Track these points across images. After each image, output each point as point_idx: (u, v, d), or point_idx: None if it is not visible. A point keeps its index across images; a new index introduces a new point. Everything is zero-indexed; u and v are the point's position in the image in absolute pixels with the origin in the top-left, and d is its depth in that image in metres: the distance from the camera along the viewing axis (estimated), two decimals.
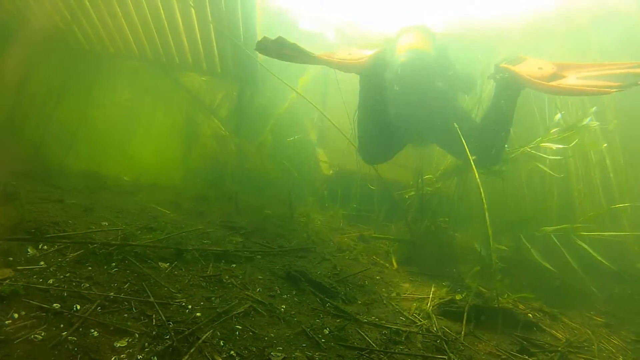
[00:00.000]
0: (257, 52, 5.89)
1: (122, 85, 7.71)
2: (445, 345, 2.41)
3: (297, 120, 7.68)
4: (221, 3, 5.22)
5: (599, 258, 4.45)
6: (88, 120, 7.12)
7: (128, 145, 7.39)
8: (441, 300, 3.13)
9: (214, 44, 5.98)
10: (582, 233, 4.71)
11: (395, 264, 4.09)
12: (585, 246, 4.59)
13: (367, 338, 2.30)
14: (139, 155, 7.17)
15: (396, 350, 2.24)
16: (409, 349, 2.29)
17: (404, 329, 2.52)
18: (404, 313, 2.83)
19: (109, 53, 6.58)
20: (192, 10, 5.42)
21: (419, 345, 2.37)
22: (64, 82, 6.83)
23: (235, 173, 6.31)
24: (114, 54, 6.58)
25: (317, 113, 7.45)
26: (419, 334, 2.51)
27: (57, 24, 6.02)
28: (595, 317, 3.72)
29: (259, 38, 3.70)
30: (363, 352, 2.14)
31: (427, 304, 3.06)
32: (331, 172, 6.77)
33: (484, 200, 3.38)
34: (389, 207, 5.67)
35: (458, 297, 3.24)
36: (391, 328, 2.49)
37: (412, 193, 5.52)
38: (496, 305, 3.09)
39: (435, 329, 2.64)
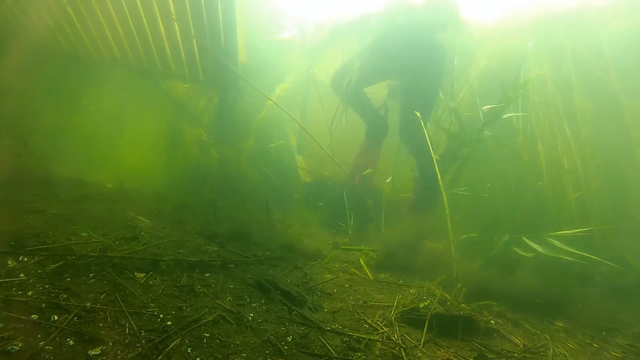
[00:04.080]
0: (237, 61, 6.08)
1: (107, 92, 7.79)
2: (403, 353, 2.56)
3: (279, 125, 7.81)
4: (203, 17, 5.36)
5: (578, 252, 4.64)
6: (72, 127, 7.19)
7: (112, 152, 7.48)
8: (405, 308, 3.27)
9: (196, 52, 6.11)
10: (550, 233, 4.93)
11: (366, 271, 4.22)
12: (558, 243, 4.78)
13: (327, 345, 2.44)
14: (122, 162, 7.26)
15: (354, 358, 2.38)
16: (367, 356, 2.44)
17: (365, 336, 2.67)
18: (368, 321, 2.97)
19: (92, 59, 6.68)
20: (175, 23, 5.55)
21: (377, 352, 2.51)
22: (47, 88, 6.91)
23: (215, 180, 6.43)
24: (97, 60, 6.68)
25: (298, 118, 7.61)
26: (379, 341, 2.66)
27: (41, 30, 6.11)
28: (556, 322, 3.86)
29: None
30: (322, 359, 2.29)
31: (391, 312, 3.20)
32: (309, 179, 6.91)
33: (447, 207, 3.55)
34: (363, 214, 5.80)
35: (421, 305, 3.39)
36: (352, 336, 2.64)
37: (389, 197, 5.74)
38: (458, 313, 3.22)
39: (396, 336, 2.79)
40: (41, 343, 1.86)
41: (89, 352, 1.89)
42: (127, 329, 2.15)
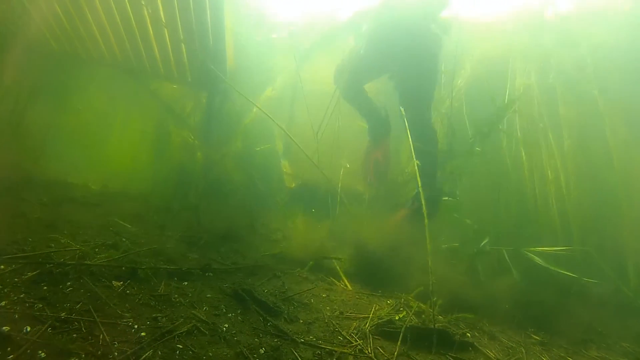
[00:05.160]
0: (225, 64, 6.10)
1: (95, 91, 7.76)
2: None
3: (266, 128, 7.83)
4: (192, 22, 5.38)
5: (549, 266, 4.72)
6: (59, 126, 7.17)
7: (98, 152, 7.45)
8: (380, 320, 3.28)
9: (184, 53, 6.13)
10: (531, 249, 5.00)
11: (344, 281, 4.24)
12: (537, 258, 4.85)
13: (299, 358, 2.47)
14: (108, 163, 7.25)
15: None
16: None
17: (338, 349, 2.70)
18: (343, 333, 2.99)
19: (80, 57, 6.67)
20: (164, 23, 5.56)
21: None
22: (34, 87, 6.88)
23: (200, 182, 6.42)
24: (86, 58, 6.67)
25: (286, 121, 7.65)
26: (351, 354, 2.69)
27: (28, 29, 6.10)
28: (533, 335, 3.91)
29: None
30: None
31: (367, 324, 3.23)
32: (294, 184, 6.92)
33: (425, 216, 3.58)
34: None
35: (397, 317, 3.41)
36: (325, 348, 2.66)
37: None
38: (433, 325, 3.24)
39: (369, 349, 2.82)
40: (10, 356, 1.87)
41: None
42: (100, 340, 2.16)
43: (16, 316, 2.19)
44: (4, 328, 2.06)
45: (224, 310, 2.92)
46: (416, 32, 5.59)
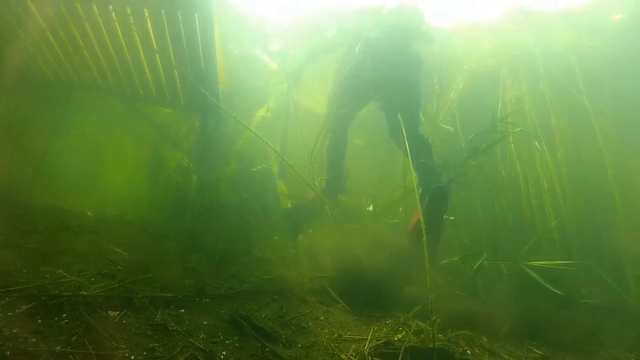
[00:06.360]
0: (217, 87, 6.11)
1: (90, 117, 7.76)
2: None
3: (260, 149, 7.82)
4: (183, 46, 5.39)
5: (545, 284, 4.71)
6: (53, 152, 7.15)
7: (93, 178, 7.43)
8: (379, 342, 3.25)
9: (177, 78, 6.14)
10: (528, 263, 4.98)
11: (342, 303, 4.20)
12: (533, 273, 4.84)
13: None
14: (104, 188, 7.21)
15: None
16: None
17: None
18: (341, 356, 2.97)
19: (73, 84, 6.68)
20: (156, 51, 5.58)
21: None
22: (27, 113, 6.87)
23: (195, 206, 6.39)
24: (79, 85, 6.68)
25: (280, 142, 7.65)
26: None
27: (20, 54, 6.10)
28: (534, 350, 3.89)
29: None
30: None
31: (365, 346, 3.20)
32: (290, 205, 6.91)
33: (424, 233, 3.57)
34: None
35: (396, 337, 3.39)
36: None
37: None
38: (433, 345, 3.21)
39: None
40: None
41: None
42: None
43: (8, 353, 2.15)
44: None
45: (222, 338, 2.89)
46: (397, 53, 5.60)
